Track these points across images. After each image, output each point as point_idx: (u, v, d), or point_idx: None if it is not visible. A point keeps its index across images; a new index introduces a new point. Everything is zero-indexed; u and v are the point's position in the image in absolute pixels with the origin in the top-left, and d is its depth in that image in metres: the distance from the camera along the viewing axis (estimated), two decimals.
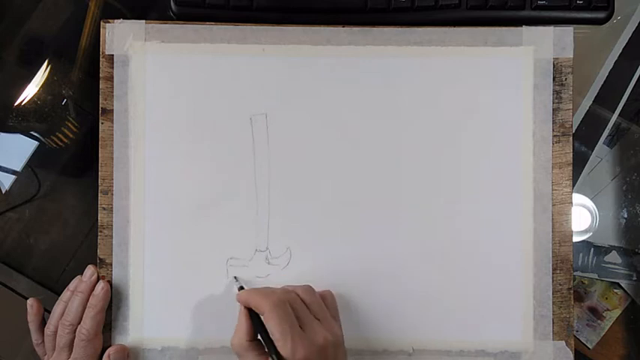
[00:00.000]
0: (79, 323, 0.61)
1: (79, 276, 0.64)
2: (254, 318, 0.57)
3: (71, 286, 0.64)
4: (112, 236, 0.64)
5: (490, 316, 0.64)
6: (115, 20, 0.64)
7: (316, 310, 0.57)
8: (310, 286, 0.60)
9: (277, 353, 0.53)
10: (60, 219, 0.68)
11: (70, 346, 0.61)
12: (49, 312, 0.63)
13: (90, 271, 0.63)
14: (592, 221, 0.69)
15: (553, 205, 0.64)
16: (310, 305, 0.57)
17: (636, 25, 0.70)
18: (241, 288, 0.62)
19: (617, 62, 0.70)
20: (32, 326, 0.64)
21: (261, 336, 0.55)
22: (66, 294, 0.63)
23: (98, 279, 0.63)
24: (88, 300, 0.62)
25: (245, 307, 0.57)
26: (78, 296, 0.62)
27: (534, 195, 0.64)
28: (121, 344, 0.64)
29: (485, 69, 0.64)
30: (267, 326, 0.54)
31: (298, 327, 0.54)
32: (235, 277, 0.64)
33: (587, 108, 0.70)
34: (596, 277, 0.69)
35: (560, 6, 0.64)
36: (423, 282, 0.64)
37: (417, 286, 0.64)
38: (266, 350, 0.55)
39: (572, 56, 0.64)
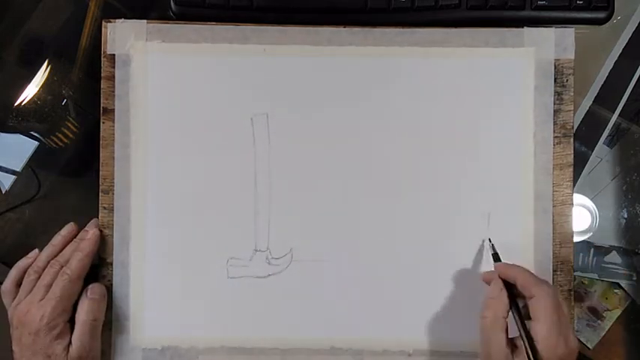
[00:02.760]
0: None
1: (72, 222, 0.64)
2: (511, 297, 0.56)
3: (63, 231, 0.64)
4: (112, 236, 0.64)
5: None
6: (117, 20, 0.64)
7: (568, 316, 0.55)
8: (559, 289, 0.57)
9: (533, 345, 0.52)
10: (60, 219, 0.68)
11: (51, 285, 0.60)
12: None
13: (93, 223, 0.64)
14: (592, 221, 0.69)
15: (554, 207, 0.64)
16: (564, 309, 0.55)
17: (636, 25, 0.70)
18: (496, 254, 0.61)
19: (617, 62, 0.70)
20: (19, 266, 0.63)
21: (518, 318, 0.54)
22: (57, 238, 0.63)
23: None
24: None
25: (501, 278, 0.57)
26: (76, 242, 0.63)
27: (535, 196, 0.64)
28: (98, 283, 0.63)
29: (486, 70, 0.64)
30: (533, 311, 0.53)
31: (561, 323, 0.53)
32: (490, 240, 0.64)
33: (587, 108, 0.70)
34: (597, 278, 0.69)
35: (560, 6, 0.64)
36: (425, 283, 0.64)
37: (418, 287, 0.64)
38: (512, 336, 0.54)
39: (573, 57, 0.64)
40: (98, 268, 0.64)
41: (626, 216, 0.70)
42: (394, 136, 0.65)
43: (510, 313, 0.55)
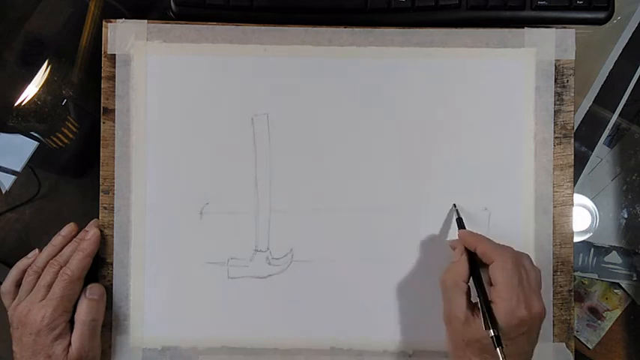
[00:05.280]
0: None
1: (72, 223, 0.64)
2: (472, 262, 0.57)
3: (63, 231, 0.64)
4: (112, 236, 0.64)
5: None
6: (117, 20, 0.64)
7: (534, 282, 0.56)
8: (529, 256, 0.58)
9: (489, 306, 0.53)
10: (60, 219, 0.68)
11: (51, 285, 0.60)
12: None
13: (94, 224, 0.64)
14: (592, 221, 0.69)
15: (554, 207, 0.64)
16: (529, 272, 0.56)
17: (636, 25, 0.70)
18: (460, 220, 0.62)
19: (617, 62, 0.70)
20: (19, 266, 0.63)
21: (477, 283, 0.55)
22: (57, 238, 0.64)
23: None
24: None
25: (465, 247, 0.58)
26: (76, 242, 0.63)
27: (535, 196, 0.64)
28: (97, 283, 0.63)
29: (486, 70, 0.64)
30: (493, 275, 0.54)
31: (522, 288, 0.53)
32: (454, 205, 0.64)
33: (588, 108, 0.70)
34: (597, 278, 0.69)
35: (561, 6, 0.64)
36: (425, 284, 0.64)
37: (418, 287, 0.64)
38: (473, 301, 0.55)
39: (573, 58, 0.64)
40: (98, 268, 0.64)
41: (626, 216, 0.70)
42: (394, 136, 0.65)
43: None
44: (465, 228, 0.62)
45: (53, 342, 0.58)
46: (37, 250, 0.63)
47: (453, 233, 0.64)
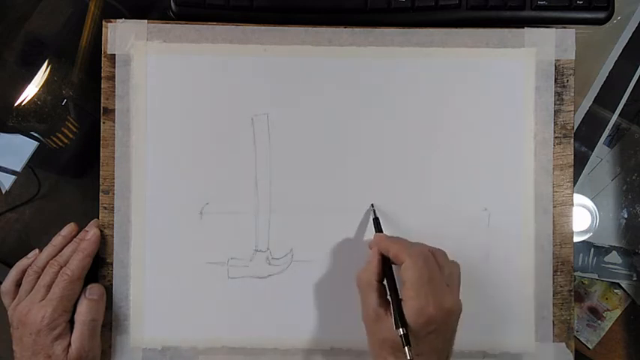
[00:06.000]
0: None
1: (72, 223, 0.64)
2: (385, 262, 0.57)
3: (63, 231, 0.64)
4: (112, 236, 0.64)
5: (491, 318, 0.65)
6: (117, 20, 0.64)
7: (447, 277, 0.56)
8: (444, 252, 0.58)
9: (399, 305, 0.53)
10: (60, 219, 0.68)
11: (51, 285, 0.60)
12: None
13: (94, 224, 0.64)
14: (592, 221, 0.69)
15: (554, 207, 0.64)
16: (443, 269, 0.56)
17: (636, 25, 0.70)
18: (377, 219, 0.62)
19: (617, 62, 0.70)
20: (19, 266, 0.63)
21: (388, 283, 0.56)
22: (57, 238, 0.64)
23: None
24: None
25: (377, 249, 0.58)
26: (76, 242, 0.63)
27: (535, 197, 0.64)
28: (97, 283, 0.64)
29: (486, 70, 0.64)
30: (403, 275, 0.54)
31: (432, 286, 0.53)
32: (372, 205, 0.65)
33: (587, 108, 0.70)
34: (597, 278, 0.69)
35: (561, 6, 0.64)
36: None
37: None
38: (388, 297, 0.55)
39: (573, 58, 0.64)
40: (98, 268, 0.64)
41: (626, 216, 0.70)
42: (394, 137, 0.65)
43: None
44: (381, 229, 0.62)
45: (53, 342, 0.58)
46: (37, 250, 0.63)
47: (453, 234, 0.64)
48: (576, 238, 0.67)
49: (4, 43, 0.71)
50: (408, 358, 0.51)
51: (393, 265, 0.57)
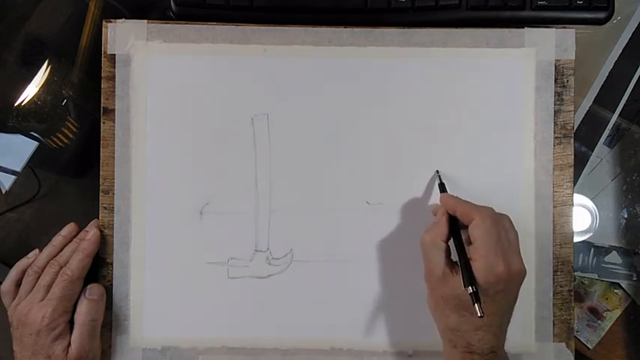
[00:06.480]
0: None
1: (72, 223, 0.64)
2: (452, 223, 0.57)
3: (63, 231, 0.64)
4: (112, 236, 0.64)
5: None
6: (117, 20, 0.64)
7: (514, 241, 0.56)
8: (509, 217, 0.58)
9: (469, 264, 0.53)
10: (60, 219, 0.68)
11: (51, 285, 0.60)
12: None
13: (94, 224, 0.64)
14: (592, 221, 0.69)
15: (554, 207, 0.64)
16: (509, 233, 0.56)
17: (636, 25, 0.70)
18: (442, 185, 0.62)
19: (617, 62, 0.70)
20: (19, 266, 0.63)
21: (456, 242, 0.56)
22: (57, 238, 0.64)
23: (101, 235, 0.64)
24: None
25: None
26: (76, 242, 0.63)
27: (535, 196, 0.64)
28: (97, 283, 0.64)
29: (486, 70, 0.65)
30: (472, 234, 0.54)
31: (501, 246, 0.53)
32: (437, 171, 0.64)
33: (588, 108, 0.70)
34: (596, 278, 0.69)
35: (561, 6, 0.64)
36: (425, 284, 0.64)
37: (418, 288, 0.64)
38: (454, 260, 0.56)
39: (573, 58, 0.64)
40: (98, 268, 0.64)
41: (626, 216, 0.70)
42: (394, 136, 0.65)
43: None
44: (446, 191, 0.62)
45: (53, 342, 0.58)
46: (37, 250, 0.63)
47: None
48: (576, 238, 0.67)
49: (4, 43, 0.71)
50: (479, 314, 0.51)
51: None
